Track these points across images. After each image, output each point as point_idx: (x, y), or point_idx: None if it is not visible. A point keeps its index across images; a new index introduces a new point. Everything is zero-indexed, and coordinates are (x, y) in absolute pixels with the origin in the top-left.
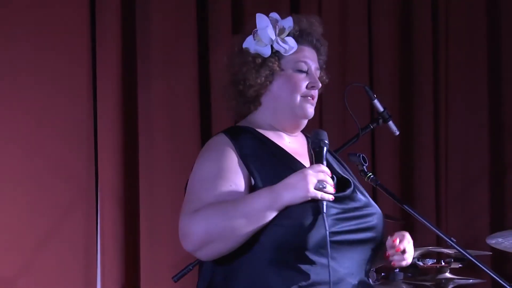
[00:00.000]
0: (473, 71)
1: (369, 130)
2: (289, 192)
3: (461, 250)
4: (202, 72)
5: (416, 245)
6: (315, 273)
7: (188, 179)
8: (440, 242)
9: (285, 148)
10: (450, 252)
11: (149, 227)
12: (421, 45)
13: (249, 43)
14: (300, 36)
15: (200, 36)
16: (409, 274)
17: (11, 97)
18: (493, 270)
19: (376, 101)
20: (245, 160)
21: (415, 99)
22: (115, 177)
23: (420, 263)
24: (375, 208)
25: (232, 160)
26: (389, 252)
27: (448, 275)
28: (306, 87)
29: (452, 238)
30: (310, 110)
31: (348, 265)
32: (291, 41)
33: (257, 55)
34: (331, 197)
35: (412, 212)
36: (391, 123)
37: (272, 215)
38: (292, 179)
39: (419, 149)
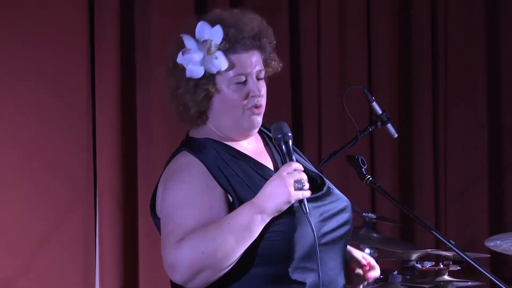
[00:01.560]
0: (472, 71)
1: (367, 132)
2: (271, 201)
3: (459, 252)
4: None
5: (415, 248)
6: (311, 279)
7: (153, 203)
8: (439, 245)
9: (246, 153)
10: (448, 254)
11: (148, 228)
12: (420, 46)
13: (181, 60)
14: (232, 46)
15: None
16: (408, 277)
17: (10, 98)
18: (492, 273)
19: (374, 104)
20: (216, 177)
21: (414, 100)
22: (114, 178)
23: (419, 266)
24: (346, 199)
25: (205, 180)
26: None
27: (446, 277)
28: (247, 97)
29: (450, 241)
30: (257, 120)
31: (335, 265)
32: (221, 57)
33: (189, 78)
34: (309, 193)
35: (411, 214)
36: (389, 125)
37: (259, 229)
38: (270, 187)
39: (418, 151)
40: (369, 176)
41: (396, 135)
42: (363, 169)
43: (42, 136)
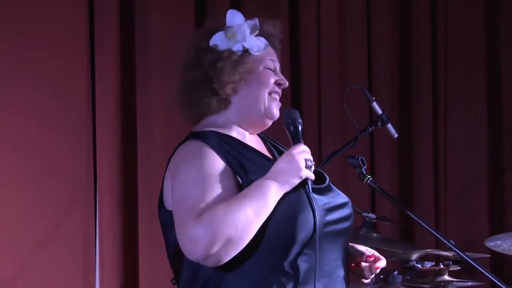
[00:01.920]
0: (472, 71)
1: (367, 132)
2: (284, 175)
3: (459, 252)
4: None
5: (415, 248)
6: (309, 264)
7: (161, 197)
8: (439, 245)
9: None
10: (449, 254)
11: (148, 228)
12: (420, 46)
13: (218, 40)
14: (267, 37)
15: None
16: (408, 277)
17: (9, 98)
18: (492, 273)
19: (374, 104)
20: (225, 159)
21: (414, 100)
22: (114, 178)
23: (419, 266)
24: (346, 197)
25: (215, 161)
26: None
27: (447, 277)
28: (274, 83)
29: (451, 241)
30: (275, 111)
31: (335, 257)
32: (262, 40)
33: (231, 52)
34: (313, 176)
35: (411, 214)
36: (389, 125)
37: (274, 202)
38: (282, 163)
39: (418, 151)
40: (369, 176)
41: (396, 135)
42: (363, 169)
43: (42, 136)
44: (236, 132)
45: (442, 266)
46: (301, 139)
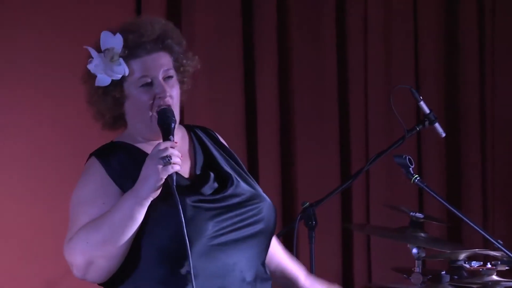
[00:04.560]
0: None
1: (415, 132)
2: (143, 182)
3: (508, 252)
4: (247, 72)
5: (462, 247)
6: (204, 272)
7: None
8: (487, 244)
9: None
10: (497, 254)
11: None
12: (467, 44)
13: (90, 69)
14: (133, 51)
15: (245, 34)
16: (456, 277)
17: (55, 98)
18: None
19: (422, 103)
20: (114, 177)
21: (462, 99)
22: None
23: (467, 266)
24: (262, 198)
25: (100, 180)
26: None
27: (495, 277)
28: (154, 99)
29: (499, 240)
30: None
31: (237, 262)
32: (122, 64)
33: (98, 86)
34: (178, 167)
35: (459, 214)
36: (437, 125)
37: (139, 214)
38: (142, 170)
39: (465, 151)
40: (416, 176)
41: (443, 135)
42: (410, 169)
43: (89, 136)
44: (146, 143)
45: (490, 266)
46: (169, 136)
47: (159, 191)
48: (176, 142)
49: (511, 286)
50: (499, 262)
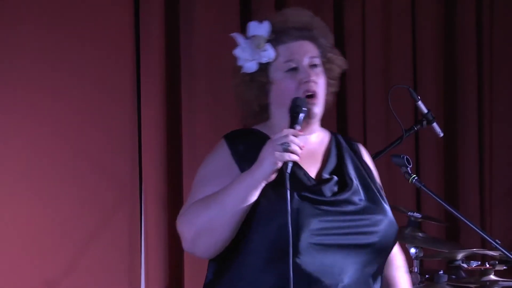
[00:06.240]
0: None
1: (413, 131)
2: (259, 165)
3: (505, 252)
4: None
5: (460, 247)
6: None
7: None
8: (484, 244)
9: None
10: (494, 254)
11: None
12: (465, 45)
13: (239, 61)
14: (280, 37)
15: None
16: (453, 276)
17: (55, 98)
18: None
19: (420, 103)
20: (237, 160)
21: (460, 99)
22: (159, 178)
23: (465, 265)
24: (384, 213)
25: (223, 161)
26: None
27: (492, 277)
28: (299, 84)
29: (496, 240)
30: (312, 110)
31: (335, 266)
32: (269, 48)
33: (245, 73)
34: (297, 156)
35: (457, 213)
36: (435, 124)
37: (250, 195)
38: (260, 154)
39: (463, 151)
40: (414, 176)
41: (441, 135)
42: (408, 169)
43: (88, 136)
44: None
45: (488, 265)
46: (294, 126)
47: (273, 176)
48: (301, 131)
49: (509, 286)
50: (497, 262)
